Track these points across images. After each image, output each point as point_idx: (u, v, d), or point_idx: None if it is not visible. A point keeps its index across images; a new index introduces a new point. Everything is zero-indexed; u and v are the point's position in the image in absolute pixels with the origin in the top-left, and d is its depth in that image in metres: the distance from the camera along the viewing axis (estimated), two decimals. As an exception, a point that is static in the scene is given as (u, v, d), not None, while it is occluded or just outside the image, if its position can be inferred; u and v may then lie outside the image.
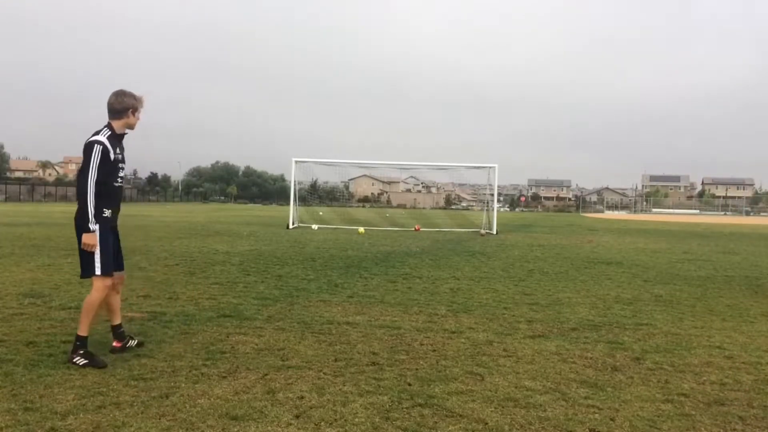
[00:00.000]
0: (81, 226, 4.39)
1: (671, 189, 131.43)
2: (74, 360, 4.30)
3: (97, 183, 4.34)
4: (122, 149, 4.59)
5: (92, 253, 4.41)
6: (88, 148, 4.36)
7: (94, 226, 4.37)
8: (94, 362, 4.27)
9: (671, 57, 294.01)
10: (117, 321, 4.77)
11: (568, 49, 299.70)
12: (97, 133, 4.44)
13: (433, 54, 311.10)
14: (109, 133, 4.48)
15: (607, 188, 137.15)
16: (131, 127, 4.64)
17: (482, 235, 21.95)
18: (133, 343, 4.78)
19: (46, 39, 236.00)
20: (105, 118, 4.57)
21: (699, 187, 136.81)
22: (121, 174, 4.60)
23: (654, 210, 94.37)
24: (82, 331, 4.42)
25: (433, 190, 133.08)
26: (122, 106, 4.51)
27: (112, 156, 4.43)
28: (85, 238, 4.36)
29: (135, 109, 4.58)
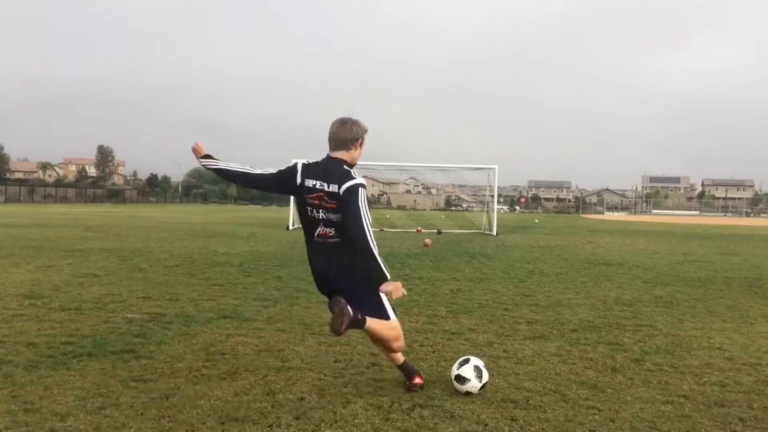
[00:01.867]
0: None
1: (671, 190, 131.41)
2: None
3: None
4: None
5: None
6: (356, 191, 3.63)
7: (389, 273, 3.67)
8: None
9: (668, 55, 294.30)
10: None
11: (569, 48, 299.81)
12: (352, 175, 3.71)
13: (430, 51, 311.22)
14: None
15: (607, 189, 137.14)
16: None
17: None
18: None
19: (46, 39, 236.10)
20: (102, 121, 4.39)
21: (699, 189, 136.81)
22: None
23: (654, 211, 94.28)
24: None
25: (433, 191, 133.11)
26: (354, 136, 3.80)
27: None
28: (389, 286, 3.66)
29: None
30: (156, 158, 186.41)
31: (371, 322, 3.72)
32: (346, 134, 3.76)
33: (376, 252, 3.57)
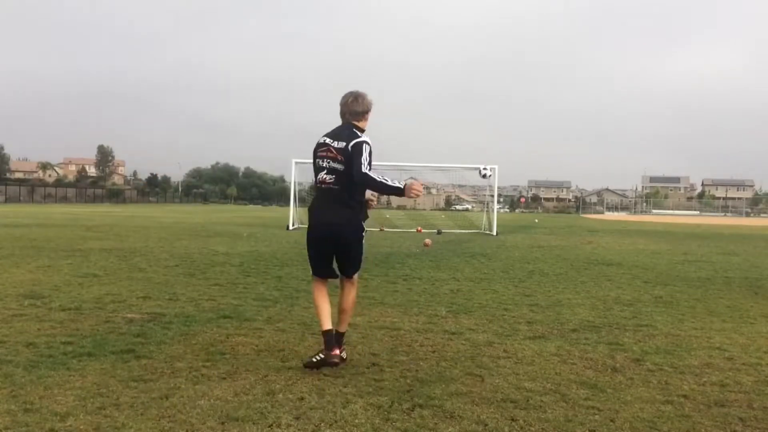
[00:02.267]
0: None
1: (671, 190, 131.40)
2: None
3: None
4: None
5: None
6: (361, 146, 4.26)
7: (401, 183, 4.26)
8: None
9: (668, 55, 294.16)
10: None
11: (570, 48, 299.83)
12: (359, 134, 4.36)
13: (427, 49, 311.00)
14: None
15: (607, 189, 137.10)
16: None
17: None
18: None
19: (46, 38, 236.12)
20: (102, 121, 4.50)
21: (699, 188, 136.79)
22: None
23: (654, 211, 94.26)
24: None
25: (433, 191, 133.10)
26: (365, 109, 4.49)
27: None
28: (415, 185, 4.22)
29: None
30: (156, 158, 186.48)
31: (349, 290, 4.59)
32: (358, 107, 4.45)
33: (384, 181, 4.22)
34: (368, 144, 4.28)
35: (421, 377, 4.25)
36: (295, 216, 24.44)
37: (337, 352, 4.32)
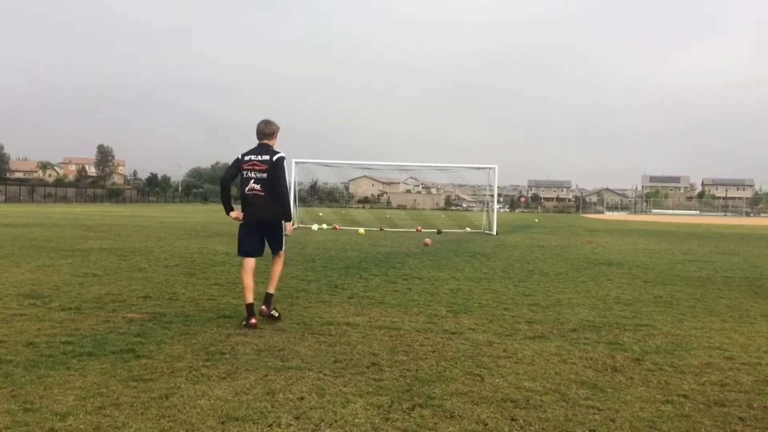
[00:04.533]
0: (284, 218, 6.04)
1: (671, 190, 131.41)
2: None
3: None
4: None
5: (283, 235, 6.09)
6: (282, 161, 5.83)
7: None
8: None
9: (668, 55, 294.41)
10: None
11: (570, 47, 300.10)
12: (278, 151, 5.88)
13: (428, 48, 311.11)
14: None
15: (607, 189, 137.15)
16: None
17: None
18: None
19: (46, 38, 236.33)
20: (102, 121, 4.58)
21: (699, 188, 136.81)
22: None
23: (654, 211, 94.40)
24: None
25: (433, 191, 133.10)
26: (273, 131, 5.97)
27: None
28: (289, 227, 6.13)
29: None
30: (156, 158, 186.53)
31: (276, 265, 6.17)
32: (267, 130, 5.95)
33: (290, 201, 5.33)
34: (285, 159, 5.83)
35: (421, 377, 4.26)
36: (295, 215, 24.45)
37: (254, 321, 5.63)
